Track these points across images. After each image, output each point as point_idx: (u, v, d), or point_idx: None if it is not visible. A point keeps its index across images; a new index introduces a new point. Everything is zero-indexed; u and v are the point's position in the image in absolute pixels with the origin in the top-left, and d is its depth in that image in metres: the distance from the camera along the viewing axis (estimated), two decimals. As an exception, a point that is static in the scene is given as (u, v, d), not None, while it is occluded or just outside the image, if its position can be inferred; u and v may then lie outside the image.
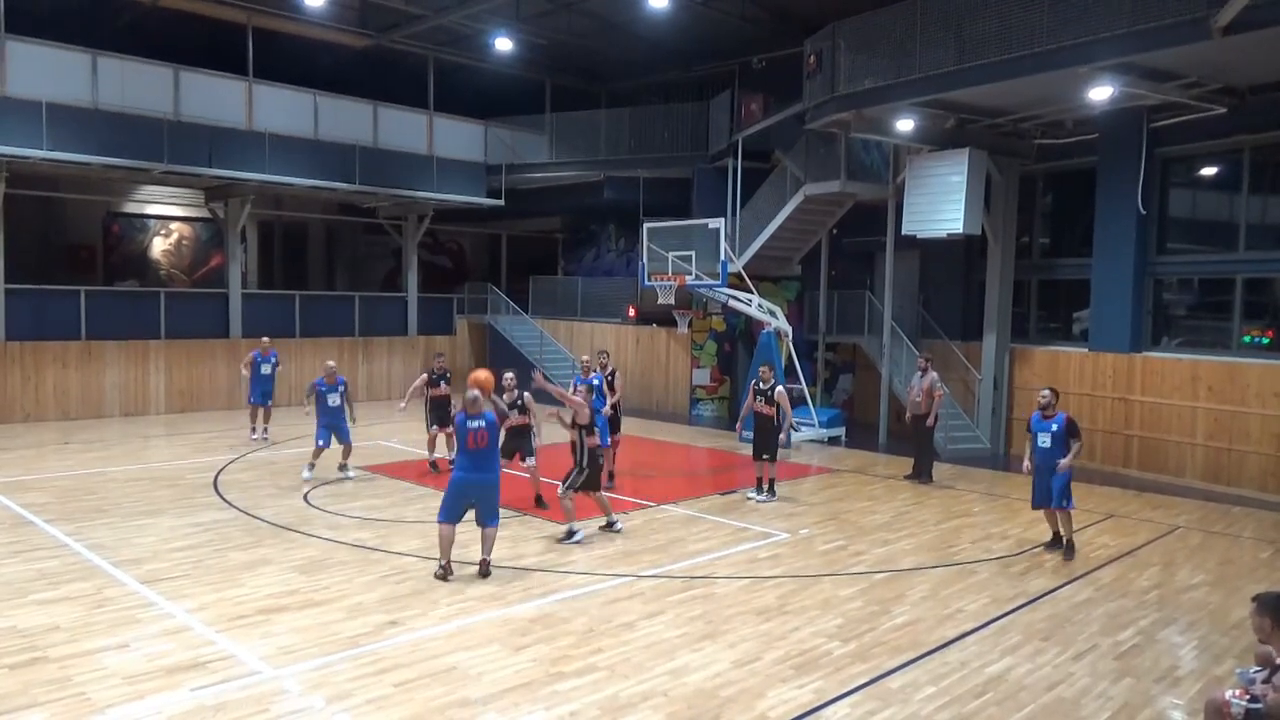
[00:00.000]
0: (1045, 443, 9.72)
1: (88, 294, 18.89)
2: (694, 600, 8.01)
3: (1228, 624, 7.76)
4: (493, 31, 20.19)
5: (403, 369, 23.21)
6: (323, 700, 5.87)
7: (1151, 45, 11.31)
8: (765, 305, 17.40)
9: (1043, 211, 17.40)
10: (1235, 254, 14.24)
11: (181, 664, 6.34)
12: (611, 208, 24.13)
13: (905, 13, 13.93)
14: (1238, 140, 13.91)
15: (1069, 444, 9.60)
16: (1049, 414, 9.77)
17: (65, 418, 18.06)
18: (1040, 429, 9.78)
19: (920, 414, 13.58)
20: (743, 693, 6.13)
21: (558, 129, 23.43)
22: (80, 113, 16.87)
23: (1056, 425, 9.67)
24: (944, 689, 6.29)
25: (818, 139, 17.48)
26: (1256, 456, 13.37)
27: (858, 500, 12.36)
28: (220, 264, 22.77)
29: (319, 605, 7.61)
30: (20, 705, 5.67)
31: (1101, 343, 15.28)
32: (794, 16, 18.46)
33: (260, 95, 19.34)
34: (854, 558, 9.52)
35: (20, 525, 10.03)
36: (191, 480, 12.62)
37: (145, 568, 8.52)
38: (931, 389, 13.50)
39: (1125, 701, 6.19)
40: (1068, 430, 9.65)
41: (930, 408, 13.51)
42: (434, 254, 29.07)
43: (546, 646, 6.84)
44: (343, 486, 12.36)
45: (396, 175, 21.13)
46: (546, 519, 10.66)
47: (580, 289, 24.68)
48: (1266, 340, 13.97)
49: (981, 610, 7.93)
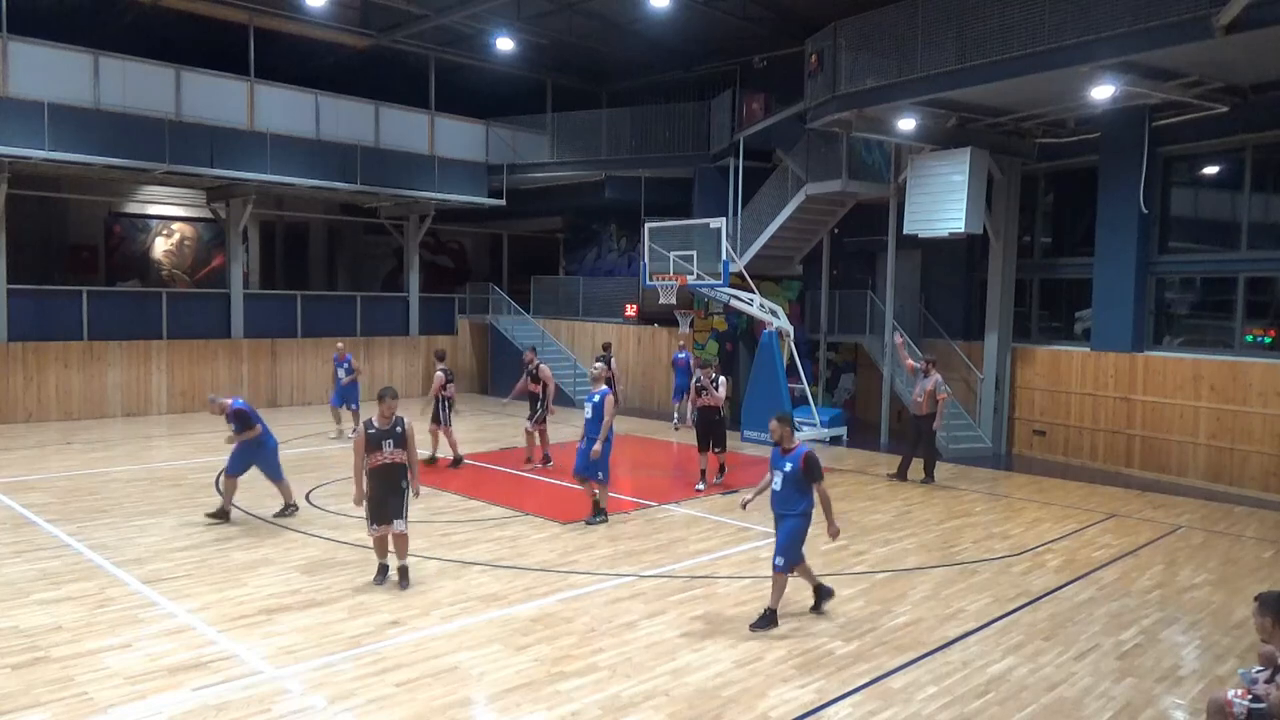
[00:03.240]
0: (777, 484, 7.50)
1: (90, 294, 18.91)
2: (695, 600, 8.00)
3: (1230, 624, 7.74)
4: (494, 31, 20.20)
5: (404, 369, 23.24)
6: (324, 700, 5.87)
7: (1153, 44, 11.29)
8: (767, 305, 17.39)
9: (1044, 211, 17.38)
10: (1237, 253, 14.22)
11: (183, 664, 6.35)
12: (613, 207, 24.13)
13: (907, 12, 13.91)
14: (1240, 139, 13.90)
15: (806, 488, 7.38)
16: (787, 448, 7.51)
17: (67, 418, 18.08)
18: (776, 465, 7.58)
19: (921, 415, 13.54)
20: (744, 692, 6.13)
21: (559, 129, 23.43)
22: (82, 113, 16.88)
23: (791, 463, 7.39)
24: (946, 689, 6.28)
25: (819, 138, 17.47)
26: (1259, 456, 13.36)
27: (859, 500, 12.35)
28: (222, 264, 22.79)
29: (321, 605, 7.61)
30: (22, 705, 5.67)
31: (1103, 342, 15.26)
32: (795, 16, 18.45)
33: (262, 95, 19.35)
34: (855, 557, 9.51)
35: (22, 525, 10.04)
36: (193, 480, 12.63)
37: (147, 568, 8.53)
38: (935, 391, 13.46)
39: (1127, 701, 6.18)
40: (805, 471, 7.34)
41: (930, 409, 13.46)
42: (435, 254, 29.11)
43: (548, 646, 6.84)
44: (350, 486, 12.36)
45: (398, 175, 21.14)
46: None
47: (582, 289, 24.68)
48: (1269, 339, 13.94)
49: (983, 610, 7.93)
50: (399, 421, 8.15)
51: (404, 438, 8.16)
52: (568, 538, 9.98)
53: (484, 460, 14.61)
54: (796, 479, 7.40)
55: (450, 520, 10.62)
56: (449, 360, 16.15)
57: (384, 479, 8.11)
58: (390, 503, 8.10)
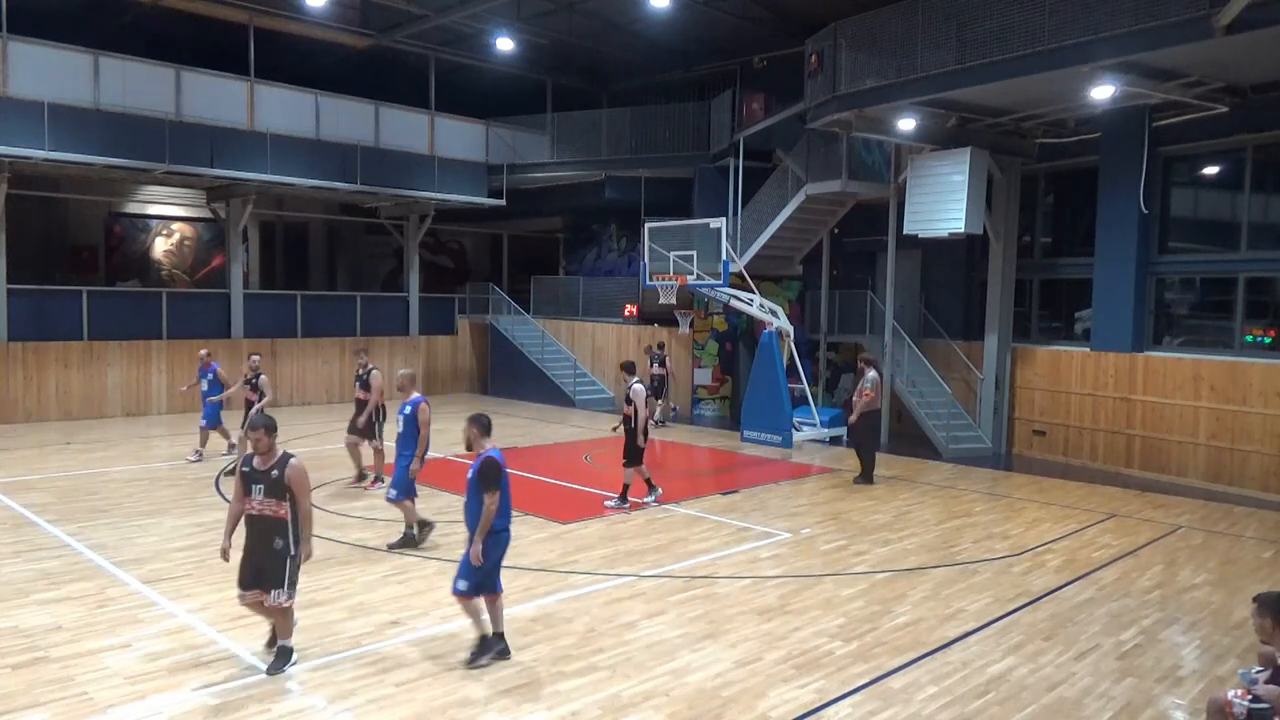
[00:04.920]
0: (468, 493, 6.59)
1: (90, 294, 18.92)
2: (695, 600, 8.00)
3: (1230, 624, 7.75)
4: (494, 31, 20.20)
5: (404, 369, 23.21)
6: (324, 700, 5.87)
7: (1153, 44, 11.30)
8: (767, 305, 17.40)
9: (1044, 211, 17.39)
10: (1237, 253, 14.23)
11: (183, 664, 6.35)
12: (613, 207, 24.14)
13: (907, 12, 13.93)
14: (1240, 139, 13.91)
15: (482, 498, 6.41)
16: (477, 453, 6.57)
17: (67, 418, 18.08)
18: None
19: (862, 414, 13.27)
20: (744, 693, 6.13)
21: (559, 129, 23.44)
22: (82, 113, 16.89)
23: (472, 469, 6.50)
24: (946, 689, 6.28)
25: (819, 138, 17.48)
26: (1258, 456, 13.36)
27: (859, 500, 12.35)
28: (222, 264, 22.79)
29: (321, 605, 7.61)
30: (23, 705, 5.67)
31: (1103, 342, 15.26)
32: (795, 16, 18.46)
33: (262, 95, 19.35)
34: (855, 557, 9.51)
35: (22, 525, 10.04)
36: (193, 480, 12.64)
37: (147, 568, 8.53)
38: (863, 387, 13.29)
39: (1127, 701, 6.18)
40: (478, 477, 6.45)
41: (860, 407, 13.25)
42: (435, 254, 29.11)
43: (548, 646, 6.84)
44: (350, 486, 12.38)
45: (398, 175, 21.15)
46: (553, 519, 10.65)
47: (582, 289, 24.69)
48: (1269, 340, 13.95)
49: (983, 610, 7.93)
50: (283, 462, 6.13)
51: (281, 486, 6.09)
52: (568, 538, 9.98)
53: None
54: (474, 487, 6.48)
55: (450, 520, 10.60)
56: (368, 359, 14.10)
57: (253, 533, 6.22)
58: (265, 567, 6.14)
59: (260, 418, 6.26)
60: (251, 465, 6.21)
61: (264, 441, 6.16)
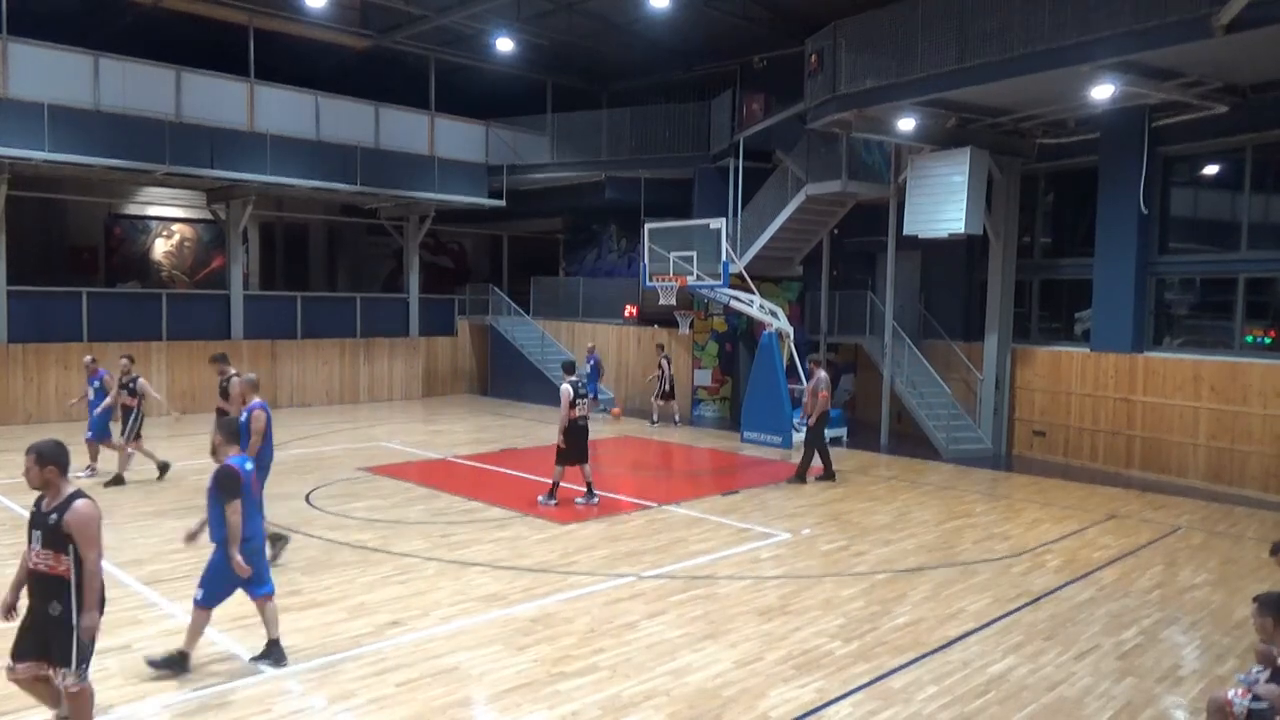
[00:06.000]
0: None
1: (90, 296, 18.91)
2: (696, 600, 8.00)
3: (1230, 624, 7.75)
4: (494, 32, 20.21)
5: (404, 370, 23.25)
6: (325, 700, 5.87)
7: (1153, 44, 11.30)
8: (767, 306, 17.41)
9: (1044, 211, 17.40)
10: (1237, 253, 14.22)
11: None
12: (613, 208, 24.14)
13: (907, 12, 13.93)
14: (1240, 139, 13.90)
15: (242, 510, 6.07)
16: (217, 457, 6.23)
17: (67, 419, 18.06)
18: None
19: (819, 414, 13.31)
20: (744, 692, 6.13)
21: (559, 129, 23.45)
22: (82, 114, 16.89)
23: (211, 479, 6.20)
24: (946, 688, 6.28)
25: (819, 139, 17.48)
26: (1259, 456, 13.36)
27: (859, 500, 12.36)
28: (222, 265, 22.79)
29: (321, 605, 7.61)
30: (23, 705, 5.66)
31: (1103, 343, 15.26)
32: (795, 16, 18.46)
33: (262, 96, 19.36)
34: (856, 558, 9.51)
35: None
36: (193, 481, 12.61)
37: (147, 569, 8.52)
38: (816, 388, 13.31)
39: (1128, 701, 6.18)
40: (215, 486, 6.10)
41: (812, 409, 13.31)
42: (435, 255, 29.11)
43: (548, 646, 6.84)
44: (350, 486, 12.38)
45: (398, 176, 21.16)
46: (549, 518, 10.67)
47: (582, 289, 24.69)
48: (1269, 340, 13.95)
49: (983, 610, 7.92)
50: (65, 505, 4.79)
51: (60, 534, 4.73)
52: (568, 538, 9.97)
53: (484, 461, 14.62)
54: (214, 498, 6.13)
55: (450, 521, 10.62)
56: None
57: (32, 592, 4.89)
58: (49, 634, 4.78)
59: (34, 447, 4.83)
60: (39, 506, 4.90)
61: (33, 473, 4.79)
